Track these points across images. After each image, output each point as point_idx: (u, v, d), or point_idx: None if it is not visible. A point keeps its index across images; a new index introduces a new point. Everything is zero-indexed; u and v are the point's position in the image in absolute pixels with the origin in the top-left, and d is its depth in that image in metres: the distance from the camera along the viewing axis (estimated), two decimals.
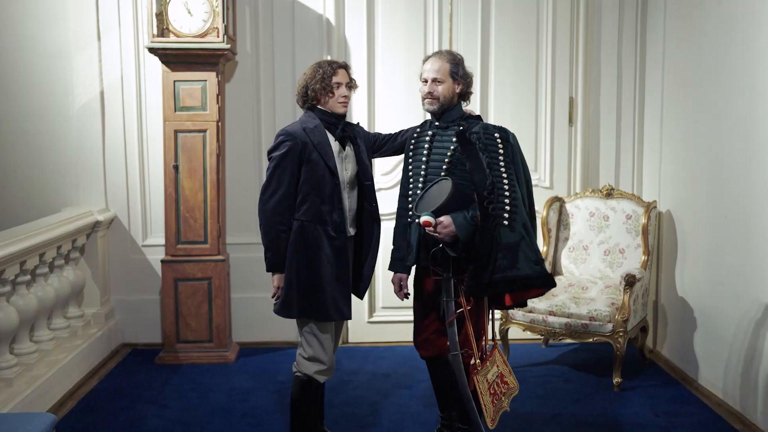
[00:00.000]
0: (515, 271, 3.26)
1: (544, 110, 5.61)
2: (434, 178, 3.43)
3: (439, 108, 3.51)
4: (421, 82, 3.54)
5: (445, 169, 3.43)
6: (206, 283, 5.20)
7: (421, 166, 3.50)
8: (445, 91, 3.49)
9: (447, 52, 3.59)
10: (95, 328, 5.29)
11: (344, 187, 3.61)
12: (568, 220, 5.44)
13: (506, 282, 3.25)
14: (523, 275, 3.28)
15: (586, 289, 5.01)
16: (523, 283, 3.30)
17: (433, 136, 3.52)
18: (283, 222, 3.53)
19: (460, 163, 3.41)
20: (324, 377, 3.64)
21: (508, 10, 5.53)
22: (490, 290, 3.28)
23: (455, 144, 3.43)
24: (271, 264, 3.57)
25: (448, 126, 3.52)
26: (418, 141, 3.60)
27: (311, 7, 5.46)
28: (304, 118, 3.65)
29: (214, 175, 5.15)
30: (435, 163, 3.48)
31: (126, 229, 5.57)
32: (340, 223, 3.55)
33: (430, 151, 3.50)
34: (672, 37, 5.13)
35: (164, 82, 5.11)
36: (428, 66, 3.52)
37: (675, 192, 5.12)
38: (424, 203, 3.32)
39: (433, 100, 3.49)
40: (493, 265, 3.22)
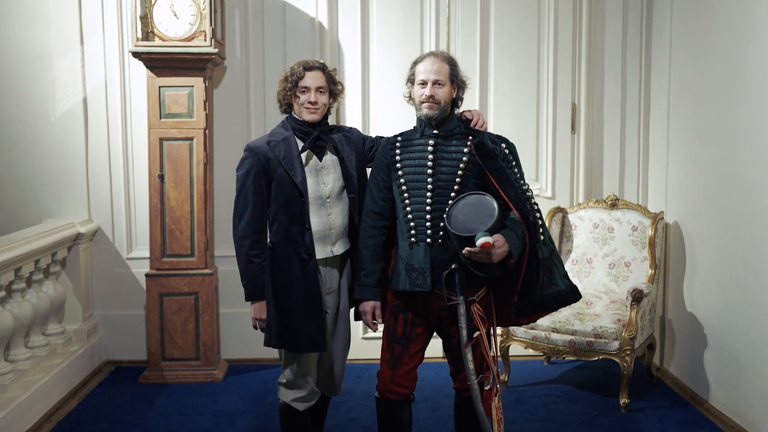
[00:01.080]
0: (554, 288, 3.13)
1: (545, 117, 5.41)
2: (444, 192, 3.14)
3: (440, 114, 3.20)
4: (417, 85, 3.22)
5: (459, 183, 3.15)
6: (193, 298, 4.98)
7: (426, 180, 3.16)
8: (445, 95, 3.20)
9: (443, 53, 3.32)
10: (77, 345, 5.05)
11: (324, 202, 3.33)
12: (571, 232, 5.22)
13: (553, 299, 3.10)
14: (561, 291, 3.15)
15: (590, 305, 4.79)
16: (562, 300, 3.15)
17: (436, 146, 3.22)
18: (254, 246, 3.29)
19: (473, 177, 3.17)
20: (303, 404, 3.42)
21: (507, 11, 5.32)
22: (540, 309, 3.12)
23: (468, 156, 3.17)
24: (247, 292, 3.35)
25: (450, 135, 3.23)
26: (409, 152, 3.24)
27: (303, 10, 5.25)
28: (276, 128, 3.42)
29: (202, 186, 4.93)
30: (444, 176, 3.16)
31: (110, 242, 5.35)
32: (309, 245, 3.30)
33: (435, 163, 3.19)
34: (679, 41, 4.93)
35: (149, 88, 4.89)
36: (428, 66, 3.21)
37: (683, 203, 4.90)
38: (461, 223, 2.99)
39: (434, 104, 3.17)
40: (538, 283, 3.04)
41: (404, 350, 3.27)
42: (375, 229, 3.30)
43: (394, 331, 3.30)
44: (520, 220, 3.05)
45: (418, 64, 3.27)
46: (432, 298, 3.21)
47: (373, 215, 3.30)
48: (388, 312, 3.34)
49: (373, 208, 3.30)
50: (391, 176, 3.28)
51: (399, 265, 3.23)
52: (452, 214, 3.03)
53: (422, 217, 3.16)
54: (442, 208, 3.13)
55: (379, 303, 3.33)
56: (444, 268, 3.12)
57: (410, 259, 3.18)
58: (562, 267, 3.21)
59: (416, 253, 3.17)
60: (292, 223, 3.29)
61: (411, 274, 3.17)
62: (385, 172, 3.30)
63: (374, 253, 3.29)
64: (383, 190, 3.30)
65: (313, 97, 3.32)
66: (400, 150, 3.27)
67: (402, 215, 3.22)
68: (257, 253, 3.29)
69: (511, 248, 2.98)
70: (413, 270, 3.17)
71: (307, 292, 3.29)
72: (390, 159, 3.29)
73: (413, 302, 3.28)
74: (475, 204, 3.03)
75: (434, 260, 3.14)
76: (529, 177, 5.36)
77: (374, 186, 3.32)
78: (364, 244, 3.31)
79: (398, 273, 3.23)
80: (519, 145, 5.30)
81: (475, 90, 5.33)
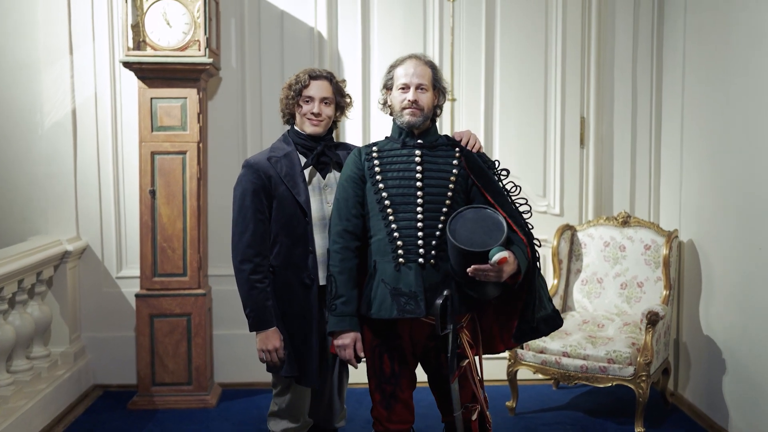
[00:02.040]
0: (544, 311, 2.91)
1: (553, 131, 5.21)
2: (435, 208, 2.89)
3: (423, 121, 2.94)
4: (397, 90, 2.96)
5: (450, 197, 2.91)
6: (185, 319, 4.74)
7: (416, 194, 2.89)
8: (428, 101, 2.95)
9: (424, 56, 3.04)
10: (63, 369, 4.81)
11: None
12: (581, 251, 5.01)
13: (544, 323, 2.90)
14: (549, 315, 2.95)
15: (602, 327, 4.57)
16: (552, 324, 2.96)
17: (423, 156, 2.94)
18: (256, 270, 3.06)
19: (462, 191, 2.95)
20: None
21: (513, 21, 5.14)
22: (536, 335, 2.91)
23: (458, 168, 2.94)
24: (251, 322, 3.10)
25: (435, 146, 2.98)
26: (391, 163, 2.95)
27: (301, 20, 5.07)
28: (276, 142, 3.21)
29: (195, 201, 4.71)
30: (434, 190, 2.91)
31: (99, 260, 5.12)
32: (312, 269, 3.06)
33: (424, 176, 2.92)
34: (692, 51, 4.73)
35: (140, 100, 4.68)
36: (409, 70, 2.95)
37: (698, 220, 4.69)
38: (467, 239, 2.74)
39: (417, 110, 2.92)
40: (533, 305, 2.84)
41: (396, 387, 2.99)
42: (349, 250, 2.95)
43: (380, 370, 3.00)
44: (521, 236, 2.84)
45: (397, 68, 3.01)
46: (417, 326, 2.94)
47: (346, 235, 2.95)
48: (370, 351, 3.01)
49: (344, 227, 2.96)
50: (366, 190, 2.98)
51: (379, 291, 2.89)
52: (455, 230, 2.77)
53: (413, 235, 2.88)
54: (434, 225, 2.89)
55: (360, 335, 2.97)
56: (436, 292, 2.86)
57: (397, 283, 2.87)
58: (547, 290, 3.03)
59: (405, 276, 2.87)
60: (294, 245, 3.07)
61: (399, 300, 2.85)
62: (358, 185, 2.98)
63: (350, 278, 2.94)
64: (356, 206, 2.97)
65: (316, 108, 3.11)
66: (378, 161, 2.97)
67: (384, 234, 2.91)
68: (260, 277, 3.06)
69: (521, 265, 2.77)
70: (402, 294, 2.85)
71: (307, 319, 3.07)
72: (366, 171, 2.98)
73: (394, 333, 2.96)
74: (477, 219, 2.80)
75: (426, 283, 2.87)
76: (537, 193, 5.18)
77: (344, 202, 2.98)
78: (338, 268, 2.93)
79: (381, 299, 2.88)
80: (526, 159, 5.22)
81: (479, 103, 5.16)
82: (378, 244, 2.94)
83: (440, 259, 2.89)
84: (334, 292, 2.94)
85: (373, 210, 2.96)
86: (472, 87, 5.13)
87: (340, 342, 2.96)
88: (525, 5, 5.13)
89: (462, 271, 2.75)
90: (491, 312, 3.06)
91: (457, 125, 5.11)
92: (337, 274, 2.94)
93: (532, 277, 2.85)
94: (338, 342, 2.96)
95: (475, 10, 5.10)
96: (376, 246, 2.95)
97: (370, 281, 2.95)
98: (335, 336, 2.97)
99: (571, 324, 4.64)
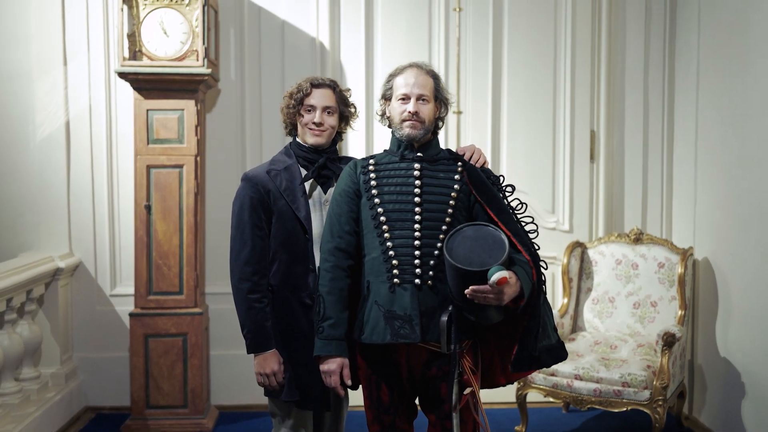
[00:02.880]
0: (547, 340, 2.70)
1: (562, 145, 5.06)
2: (433, 226, 2.70)
3: (424, 134, 2.75)
4: (397, 100, 2.76)
5: (450, 214, 2.72)
6: (181, 339, 4.56)
7: (413, 210, 2.70)
8: (430, 113, 2.75)
9: (426, 65, 2.85)
10: (53, 391, 4.62)
11: None
12: (591, 269, 4.84)
13: (548, 353, 2.68)
14: (552, 345, 2.74)
15: (615, 348, 4.40)
16: (555, 355, 2.74)
17: (422, 170, 2.76)
18: (254, 289, 2.89)
19: (463, 208, 2.76)
20: None
21: (521, 31, 5.00)
22: (536, 365, 2.70)
23: (460, 184, 2.75)
24: (249, 343, 2.93)
25: (436, 160, 2.80)
26: (388, 177, 2.77)
27: (303, 30, 4.93)
28: (278, 155, 3.05)
29: (192, 217, 4.53)
30: (433, 206, 2.71)
31: (92, 277, 4.94)
32: (313, 288, 2.88)
33: (423, 191, 2.73)
34: (707, 60, 4.58)
35: (136, 111, 4.52)
36: (410, 79, 2.75)
37: (714, 238, 4.53)
38: (465, 257, 2.54)
39: (418, 123, 2.73)
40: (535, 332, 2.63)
41: (395, 417, 2.79)
42: (340, 269, 2.75)
43: (378, 400, 2.79)
44: (526, 257, 2.64)
45: (396, 77, 2.81)
46: (414, 352, 2.74)
47: (338, 253, 2.76)
48: (366, 379, 2.82)
49: (337, 244, 2.76)
50: (362, 205, 2.79)
51: (372, 314, 2.70)
52: (452, 248, 2.57)
53: (409, 254, 2.68)
54: (432, 243, 2.69)
55: (347, 360, 2.75)
56: (432, 316, 2.66)
57: (391, 306, 2.67)
58: (553, 318, 2.80)
59: (400, 298, 2.67)
60: (293, 263, 2.91)
61: (393, 323, 2.65)
62: (352, 200, 2.80)
63: (340, 299, 2.73)
64: (350, 222, 2.78)
65: (318, 117, 2.94)
66: (375, 174, 2.78)
67: (378, 252, 2.72)
68: (258, 297, 2.89)
69: (523, 287, 2.55)
70: (396, 318, 2.66)
71: (309, 341, 2.88)
72: (362, 185, 2.79)
73: (390, 360, 2.77)
74: (477, 236, 2.59)
75: (422, 306, 2.67)
76: (545, 209, 5.02)
77: (337, 218, 2.79)
78: (327, 288, 2.73)
79: (374, 323, 2.68)
80: (534, 174, 5.06)
81: (486, 116, 5.02)
82: (372, 263, 2.75)
83: (438, 280, 2.69)
84: (322, 313, 2.74)
85: (367, 227, 2.77)
86: (479, 99, 4.98)
87: (326, 368, 2.75)
88: (533, 15, 5.00)
89: (460, 293, 2.55)
90: (492, 342, 2.85)
91: (463, 139, 4.96)
92: (326, 294, 2.74)
93: (536, 301, 2.66)
94: (324, 367, 2.76)
95: (482, 20, 4.97)
96: (370, 265, 2.76)
97: (364, 303, 2.76)
98: (321, 361, 2.78)
99: (582, 345, 4.47)
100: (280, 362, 2.94)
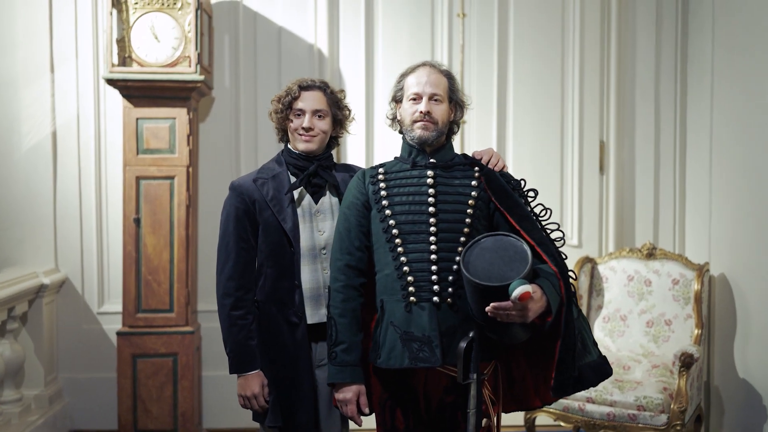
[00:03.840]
0: (589, 357, 2.49)
1: (570, 156, 4.89)
2: (451, 237, 2.51)
3: (437, 137, 2.58)
4: (408, 101, 2.60)
5: (468, 224, 2.52)
6: (171, 359, 4.35)
7: (428, 221, 2.51)
8: (443, 114, 2.59)
9: (439, 64, 2.68)
10: (36, 414, 4.39)
11: (318, 254, 2.75)
12: (602, 285, 4.62)
13: (592, 371, 2.47)
14: (596, 361, 2.52)
15: (628, 369, 4.17)
16: (600, 372, 2.52)
17: (436, 178, 2.58)
18: (237, 305, 2.72)
19: (482, 217, 2.56)
20: None
21: (528, 38, 4.84)
22: (580, 386, 2.47)
23: (478, 191, 2.56)
24: (231, 362, 2.75)
25: (451, 166, 2.61)
26: (399, 185, 2.59)
27: (300, 37, 4.76)
28: (269, 162, 2.88)
29: (183, 231, 4.34)
30: (449, 216, 2.52)
31: (79, 294, 4.74)
32: (299, 306, 2.71)
33: (438, 200, 2.55)
34: (722, 70, 4.39)
35: (125, 120, 4.33)
36: (423, 78, 2.59)
37: (731, 253, 4.32)
38: (483, 271, 2.34)
39: (430, 124, 2.55)
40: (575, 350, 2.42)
41: None
42: (352, 288, 2.58)
43: (393, 428, 2.60)
44: (553, 268, 2.43)
45: (408, 76, 2.64)
46: (432, 377, 2.54)
47: (349, 271, 2.59)
48: (378, 406, 2.62)
49: (347, 261, 2.59)
50: (372, 218, 2.61)
51: (388, 335, 2.52)
52: (470, 261, 2.38)
53: (425, 269, 2.49)
54: (450, 257, 2.50)
55: (364, 387, 2.60)
56: (453, 337, 2.47)
57: (408, 326, 2.49)
58: (591, 332, 2.60)
59: (417, 318, 2.49)
60: (279, 277, 2.73)
61: (411, 346, 2.47)
62: (362, 213, 2.62)
63: (353, 321, 2.57)
64: (360, 237, 2.61)
65: (307, 122, 2.75)
66: (385, 183, 2.60)
67: (391, 268, 2.54)
68: (242, 313, 2.72)
69: (551, 302, 2.35)
70: (414, 340, 2.48)
71: (295, 363, 2.71)
72: (371, 195, 2.61)
73: (406, 385, 2.58)
74: (497, 248, 2.40)
75: (442, 326, 2.48)
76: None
77: (346, 232, 2.61)
78: (339, 310, 2.57)
79: (390, 346, 2.50)
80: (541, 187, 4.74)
81: (491, 126, 4.85)
82: (385, 280, 2.56)
83: (458, 297, 2.49)
84: (335, 337, 2.55)
85: (378, 241, 2.58)
86: (484, 109, 4.80)
87: (341, 396, 2.58)
88: (540, 21, 4.84)
89: (480, 311, 2.35)
90: (523, 360, 2.64)
91: (467, 150, 4.77)
92: (338, 316, 2.56)
93: (568, 316, 2.44)
94: (339, 396, 2.58)
95: (486, 27, 4.81)
96: (382, 283, 2.57)
97: (378, 324, 2.57)
98: (336, 389, 2.59)
99: None
100: (263, 384, 2.76)
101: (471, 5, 4.79)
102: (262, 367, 2.75)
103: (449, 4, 4.77)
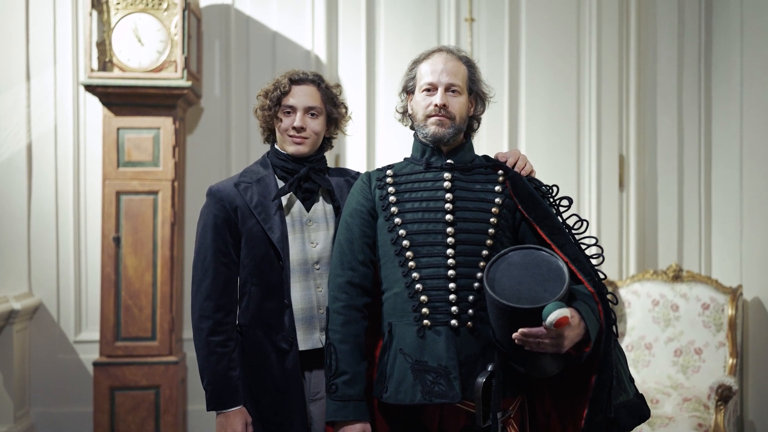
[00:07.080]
0: (624, 395, 2.16)
1: (587, 171, 4.70)
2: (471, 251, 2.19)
3: (453, 134, 2.26)
4: (421, 92, 2.27)
5: (492, 235, 2.20)
6: (153, 392, 4.09)
7: (444, 230, 2.21)
8: (462, 108, 2.26)
9: (458, 50, 2.33)
10: None
11: (311, 269, 2.44)
12: (624, 311, 4.30)
13: (627, 411, 2.14)
14: (632, 400, 2.18)
15: (657, 403, 3.83)
16: (637, 413, 2.18)
17: (453, 181, 2.27)
18: (216, 330, 2.37)
19: (509, 228, 2.25)
20: None
21: (541, 45, 4.67)
22: (614, 428, 2.13)
23: (503, 197, 2.24)
24: (208, 397, 2.40)
25: (470, 168, 2.29)
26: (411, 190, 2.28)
27: (297, 42, 4.56)
28: (252, 165, 2.55)
29: (168, 251, 4.09)
30: (470, 225, 2.21)
31: (54, 321, 4.46)
32: (289, 330, 2.38)
33: (456, 206, 2.24)
34: (753, 73, 4.16)
35: (105, 130, 4.11)
36: (437, 66, 2.26)
37: (765, 275, 4.03)
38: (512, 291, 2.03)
39: (446, 118, 2.23)
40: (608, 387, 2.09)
41: None
42: (355, 310, 2.27)
43: None
44: (590, 289, 2.12)
45: (421, 63, 2.31)
46: (449, 413, 2.21)
47: (351, 289, 2.27)
48: None
49: (349, 278, 2.28)
50: (378, 228, 2.30)
51: (397, 365, 2.21)
52: (495, 278, 2.07)
53: (442, 287, 2.17)
54: (471, 273, 2.18)
55: (369, 426, 2.26)
56: (474, 367, 2.14)
57: (420, 355, 2.18)
58: (627, 366, 2.27)
59: (432, 345, 2.17)
60: (265, 297, 2.40)
61: (424, 378, 2.15)
62: (366, 221, 2.31)
63: (356, 348, 2.25)
64: (364, 249, 2.29)
65: (299, 120, 2.41)
66: (394, 188, 2.29)
67: (402, 286, 2.23)
68: (221, 339, 2.38)
69: (589, 328, 2.03)
70: (428, 371, 2.16)
71: (284, 396, 2.38)
72: (378, 201, 2.31)
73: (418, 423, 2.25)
74: (527, 263, 2.10)
75: (461, 354, 2.15)
76: None
77: (348, 244, 2.30)
78: (339, 335, 2.25)
79: (399, 377, 2.19)
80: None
81: (502, 138, 4.65)
82: (394, 300, 2.22)
83: (480, 320, 2.16)
84: (335, 367, 2.21)
85: (386, 255, 2.25)
86: (494, 120, 4.58)
87: None
88: (554, 27, 4.67)
89: (506, 338, 2.04)
90: (548, 397, 2.30)
91: None
92: (338, 342, 2.22)
93: (607, 347, 2.11)
94: None
95: (496, 32, 4.63)
96: (391, 303, 2.23)
97: (385, 352, 2.23)
98: (336, 428, 2.23)
99: None
100: (246, 423, 2.41)
101: (479, 9, 4.61)
102: (246, 403, 2.41)
103: (456, 7, 4.59)
